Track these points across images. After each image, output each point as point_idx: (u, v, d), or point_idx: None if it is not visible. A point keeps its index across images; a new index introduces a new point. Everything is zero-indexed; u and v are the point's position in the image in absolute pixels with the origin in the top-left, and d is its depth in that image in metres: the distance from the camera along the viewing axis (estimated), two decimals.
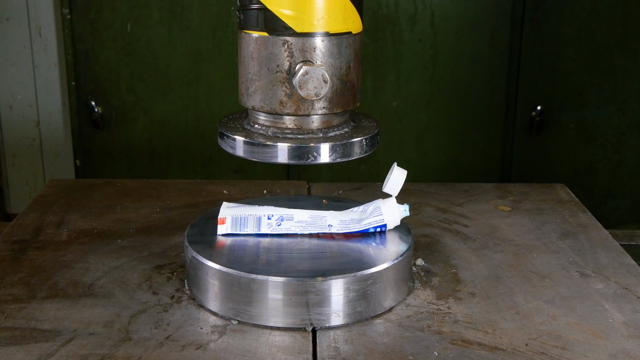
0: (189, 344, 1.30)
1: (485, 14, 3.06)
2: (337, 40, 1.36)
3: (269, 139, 1.38)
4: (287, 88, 1.35)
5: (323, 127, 1.41)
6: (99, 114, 3.10)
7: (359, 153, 1.41)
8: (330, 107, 1.38)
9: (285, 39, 1.33)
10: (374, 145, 1.46)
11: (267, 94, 1.37)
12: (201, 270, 1.41)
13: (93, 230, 1.78)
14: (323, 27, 1.33)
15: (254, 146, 1.38)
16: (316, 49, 1.34)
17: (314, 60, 1.34)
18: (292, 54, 1.34)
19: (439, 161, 3.23)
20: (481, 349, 1.29)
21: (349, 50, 1.38)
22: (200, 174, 3.19)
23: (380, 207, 1.53)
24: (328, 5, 1.33)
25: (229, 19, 3.02)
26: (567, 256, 1.66)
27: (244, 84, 1.41)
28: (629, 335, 1.34)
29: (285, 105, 1.36)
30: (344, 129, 1.44)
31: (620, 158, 3.15)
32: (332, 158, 1.37)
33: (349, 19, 1.37)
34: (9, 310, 1.40)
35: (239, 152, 1.40)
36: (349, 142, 1.39)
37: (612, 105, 3.09)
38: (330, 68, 1.36)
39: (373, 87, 3.11)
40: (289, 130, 1.40)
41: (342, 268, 1.38)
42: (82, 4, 2.99)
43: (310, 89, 1.32)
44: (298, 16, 1.32)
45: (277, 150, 1.36)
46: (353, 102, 1.43)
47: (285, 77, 1.35)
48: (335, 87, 1.37)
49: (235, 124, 1.47)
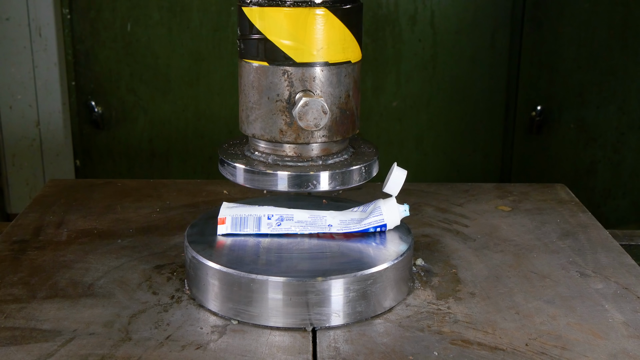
0: (189, 344, 1.30)
1: (485, 14, 3.06)
2: (337, 70, 1.37)
3: (269, 167, 1.39)
4: (287, 117, 1.36)
5: (323, 155, 1.42)
6: (99, 114, 3.10)
7: (358, 180, 1.43)
8: (329, 135, 1.39)
9: (285, 69, 1.35)
10: (373, 172, 1.47)
11: (267, 122, 1.38)
12: (201, 270, 1.41)
13: (93, 230, 1.78)
14: (322, 57, 1.35)
15: (254, 174, 1.39)
16: (316, 78, 1.35)
17: (314, 89, 1.35)
18: (292, 84, 1.35)
19: (439, 161, 3.23)
20: (481, 349, 1.29)
21: (348, 79, 1.39)
22: (200, 174, 3.19)
23: (380, 207, 1.53)
24: (327, 36, 1.34)
25: (229, 19, 3.02)
26: (567, 256, 1.66)
27: (244, 112, 1.42)
28: (629, 335, 1.34)
29: (285, 133, 1.38)
30: (343, 156, 1.45)
31: (620, 158, 3.15)
32: (332, 186, 1.39)
33: (348, 49, 1.38)
34: (9, 310, 1.40)
35: (239, 180, 1.42)
36: (348, 170, 1.40)
37: (612, 105, 3.09)
38: (329, 97, 1.37)
39: (373, 87, 3.11)
40: (288, 158, 1.41)
41: (342, 268, 1.38)
42: (82, 4, 2.99)
43: (310, 120, 1.33)
44: (298, 46, 1.33)
45: (277, 178, 1.37)
46: (352, 130, 1.44)
47: (285, 106, 1.36)
48: (335, 116, 1.39)
49: (235, 151, 1.48)
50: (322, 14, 1.33)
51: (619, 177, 3.17)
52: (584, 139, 3.14)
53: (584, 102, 3.10)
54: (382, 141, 3.18)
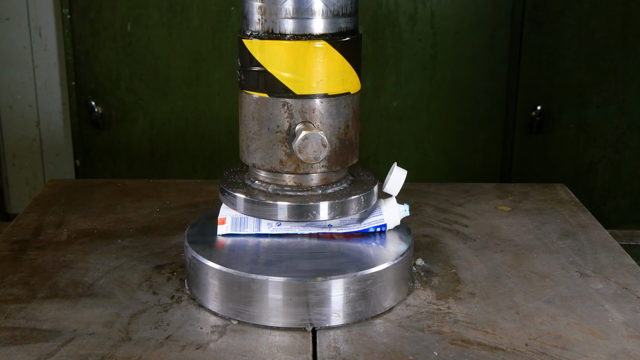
0: (189, 344, 1.30)
1: (485, 14, 3.06)
2: (336, 101, 1.38)
3: (269, 196, 1.40)
4: (287, 148, 1.38)
5: (322, 184, 1.43)
6: (99, 114, 3.10)
7: (356, 210, 1.43)
8: (329, 165, 1.40)
9: (285, 101, 1.36)
10: (372, 201, 1.47)
11: (267, 152, 1.39)
12: (201, 270, 1.41)
13: (93, 230, 1.78)
14: (322, 89, 1.36)
15: (254, 204, 1.40)
16: (315, 110, 1.36)
17: (313, 120, 1.36)
18: (292, 115, 1.36)
19: (439, 161, 3.23)
20: (481, 349, 1.29)
21: (347, 110, 1.40)
22: (200, 174, 3.19)
23: (380, 207, 1.53)
24: (327, 69, 1.35)
25: (229, 19, 3.02)
26: (567, 256, 1.66)
27: (245, 142, 1.43)
28: (629, 335, 1.34)
29: (285, 164, 1.39)
30: (342, 185, 1.46)
31: (620, 158, 3.15)
32: (331, 216, 1.40)
33: (347, 80, 1.39)
34: (9, 310, 1.40)
35: (240, 209, 1.43)
36: (347, 200, 1.41)
37: (612, 105, 3.09)
38: (329, 128, 1.38)
39: (373, 87, 3.11)
40: (288, 188, 1.42)
41: (342, 268, 1.38)
42: (82, 4, 2.99)
43: (309, 153, 1.34)
44: (298, 79, 1.34)
45: (277, 208, 1.38)
46: (351, 159, 1.45)
47: (285, 137, 1.37)
48: (334, 146, 1.40)
49: (236, 179, 1.49)
50: (321, 47, 1.34)
51: (619, 177, 3.17)
52: (584, 139, 3.14)
53: (584, 102, 3.10)
54: (382, 141, 3.18)
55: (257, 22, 1.36)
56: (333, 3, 1.34)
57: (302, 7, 1.32)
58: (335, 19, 1.35)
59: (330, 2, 1.33)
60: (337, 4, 1.34)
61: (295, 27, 1.33)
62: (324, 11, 1.33)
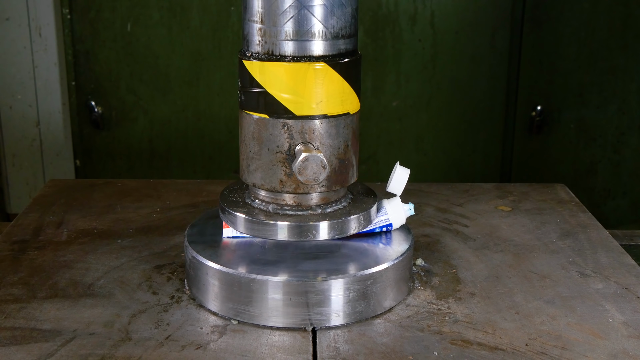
0: (189, 344, 1.30)
1: (485, 14, 3.06)
2: (335, 122, 1.38)
3: (269, 216, 1.41)
4: (287, 168, 1.38)
5: (322, 203, 1.44)
6: (99, 114, 3.10)
7: (356, 229, 1.44)
8: (328, 185, 1.41)
9: (285, 122, 1.36)
10: (371, 219, 1.48)
11: (267, 172, 1.40)
12: (201, 270, 1.41)
13: (93, 230, 1.78)
14: (322, 110, 1.36)
15: (254, 223, 1.40)
16: (315, 130, 1.37)
17: (313, 141, 1.37)
18: (292, 136, 1.37)
19: (439, 161, 3.23)
20: (481, 349, 1.29)
21: (346, 130, 1.41)
22: (200, 174, 3.19)
23: (385, 207, 1.53)
24: (327, 90, 1.36)
25: (229, 19, 3.02)
26: (567, 256, 1.66)
27: (245, 162, 1.44)
28: (629, 335, 1.34)
29: (284, 184, 1.39)
30: (342, 204, 1.47)
31: (620, 158, 3.15)
32: (331, 235, 1.40)
33: (347, 101, 1.39)
34: (9, 310, 1.40)
35: (240, 229, 1.43)
36: (347, 219, 1.41)
37: (612, 105, 3.09)
38: (328, 148, 1.39)
39: (373, 87, 3.11)
40: (288, 207, 1.43)
41: (342, 268, 1.38)
42: (82, 4, 2.99)
43: (309, 175, 1.34)
44: (297, 100, 1.35)
45: (277, 228, 1.38)
46: (351, 178, 1.45)
47: (285, 157, 1.38)
48: (334, 166, 1.40)
49: (236, 197, 1.50)
50: (321, 68, 1.34)
51: (619, 177, 3.17)
52: (584, 139, 3.14)
53: (584, 102, 3.10)
54: (382, 141, 3.18)
55: (257, 44, 1.37)
56: (332, 25, 1.35)
57: (301, 30, 1.33)
58: (334, 41, 1.36)
59: (329, 24, 1.34)
60: (336, 26, 1.35)
61: (295, 48, 1.34)
62: (323, 33, 1.34)
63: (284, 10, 1.32)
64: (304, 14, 1.32)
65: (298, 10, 1.32)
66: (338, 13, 1.34)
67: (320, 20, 1.33)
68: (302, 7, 1.32)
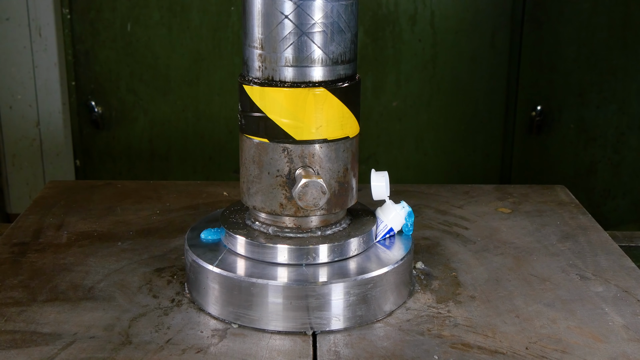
0: (189, 347, 1.30)
1: (485, 14, 3.05)
2: (335, 146, 1.39)
3: (269, 239, 1.42)
4: (287, 191, 1.39)
5: (322, 226, 1.45)
6: (99, 114, 3.10)
7: (356, 251, 1.44)
8: (328, 208, 1.42)
9: (285, 146, 1.37)
10: (371, 241, 1.49)
11: (268, 196, 1.40)
12: (201, 273, 1.41)
13: (93, 232, 1.78)
14: (321, 134, 1.37)
15: (254, 246, 1.41)
16: (315, 155, 1.38)
17: (313, 165, 1.38)
18: (292, 160, 1.38)
19: (439, 161, 3.23)
20: (481, 353, 1.29)
21: (346, 154, 1.41)
22: (200, 174, 3.19)
23: (379, 217, 1.52)
24: (326, 115, 1.36)
25: (229, 19, 3.02)
26: (567, 259, 1.66)
27: (245, 185, 1.44)
28: (629, 339, 1.34)
29: (285, 207, 1.40)
30: (341, 225, 1.48)
31: (620, 158, 3.15)
32: (330, 258, 1.41)
33: (346, 125, 1.40)
34: (9, 314, 1.40)
35: (240, 251, 1.43)
36: (346, 242, 1.42)
37: (612, 105, 3.09)
38: (328, 172, 1.39)
39: (373, 87, 3.11)
40: (288, 230, 1.44)
41: (342, 272, 1.38)
42: (82, 4, 2.99)
43: (309, 200, 1.35)
44: (297, 125, 1.36)
45: (277, 251, 1.39)
46: (350, 201, 1.46)
47: (285, 181, 1.39)
48: (333, 189, 1.41)
49: (236, 219, 1.50)
50: (320, 93, 1.35)
51: (619, 177, 3.17)
52: (584, 139, 3.15)
53: (584, 102, 3.10)
54: (382, 141, 3.18)
55: (257, 69, 1.37)
56: (332, 51, 1.35)
57: (301, 56, 1.34)
58: (334, 67, 1.36)
59: (329, 51, 1.35)
60: (336, 52, 1.36)
61: (294, 74, 1.35)
62: (323, 59, 1.35)
63: (284, 37, 1.33)
64: (304, 40, 1.33)
65: (298, 37, 1.33)
66: (337, 39, 1.35)
67: (320, 47, 1.34)
68: (302, 33, 1.32)
